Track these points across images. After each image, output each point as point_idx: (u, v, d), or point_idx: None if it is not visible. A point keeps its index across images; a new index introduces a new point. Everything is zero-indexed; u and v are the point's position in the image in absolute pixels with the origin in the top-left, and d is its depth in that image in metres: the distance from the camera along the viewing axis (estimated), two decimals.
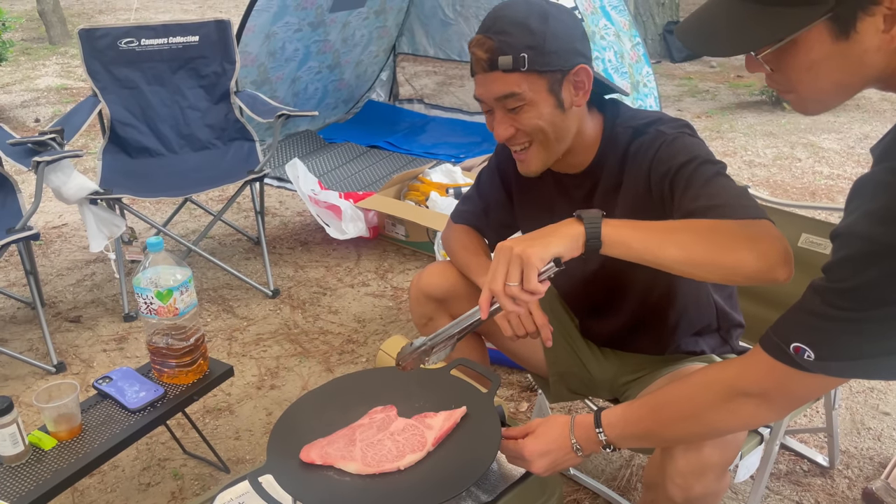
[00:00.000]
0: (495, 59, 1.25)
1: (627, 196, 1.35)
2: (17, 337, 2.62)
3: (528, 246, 1.07)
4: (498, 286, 1.09)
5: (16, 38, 7.60)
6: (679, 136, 1.29)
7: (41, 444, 1.53)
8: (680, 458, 1.22)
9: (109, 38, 2.99)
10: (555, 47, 1.25)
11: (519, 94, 1.26)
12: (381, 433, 1.25)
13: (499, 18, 1.27)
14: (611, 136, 1.37)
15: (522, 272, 1.07)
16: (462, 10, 4.76)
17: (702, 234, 1.10)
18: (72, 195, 2.51)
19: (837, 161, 4.14)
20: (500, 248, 1.11)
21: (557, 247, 1.08)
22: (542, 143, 1.32)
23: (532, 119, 1.29)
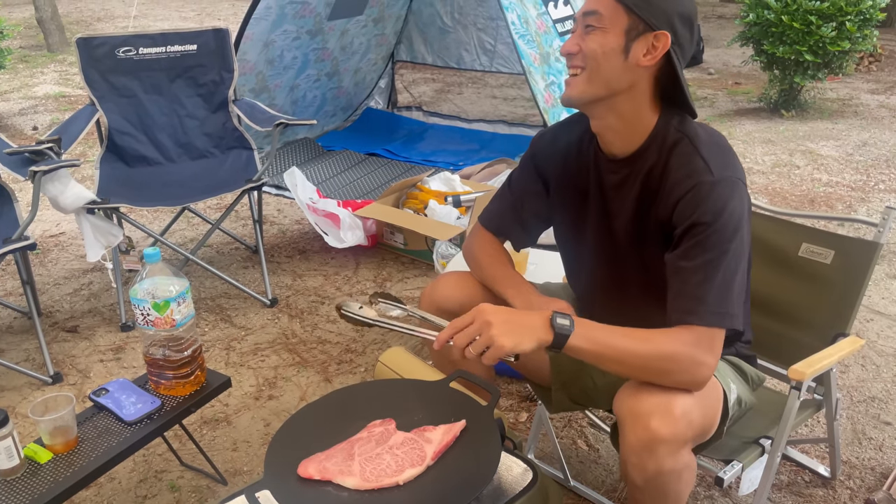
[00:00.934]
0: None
1: (658, 210, 1.35)
2: (13, 347, 2.60)
3: (504, 335, 1.20)
4: (461, 343, 1.23)
5: (14, 46, 7.60)
6: (722, 183, 1.28)
7: (37, 458, 1.51)
8: (630, 433, 1.25)
9: (107, 46, 2.99)
10: (659, 2, 1.27)
11: (599, 15, 1.28)
12: (379, 447, 1.23)
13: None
14: (662, 132, 1.36)
15: (488, 349, 1.20)
16: (460, 18, 4.77)
17: (644, 361, 1.25)
18: (69, 204, 2.50)
19: (836, 168, 4.15)
20: (482, 312, 1.23)
21: (526, 347, 1.21)
22: (591, 73, 1.31)
23: (594, 44, 1.29)
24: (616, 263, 1.48)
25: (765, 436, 1.56)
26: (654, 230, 1.36)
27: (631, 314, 1.55)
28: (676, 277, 1.29)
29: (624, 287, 1.50)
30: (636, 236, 1.41)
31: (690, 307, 1.26)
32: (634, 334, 1.26)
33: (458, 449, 1.24)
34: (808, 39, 4.69)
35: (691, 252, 1.27)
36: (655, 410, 1.22)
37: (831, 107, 5.34)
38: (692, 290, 1.26)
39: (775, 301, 1.71)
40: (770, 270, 1.73)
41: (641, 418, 1.23)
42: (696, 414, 1.26)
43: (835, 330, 1.64)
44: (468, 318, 1.23)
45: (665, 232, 1.34)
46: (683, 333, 1.25)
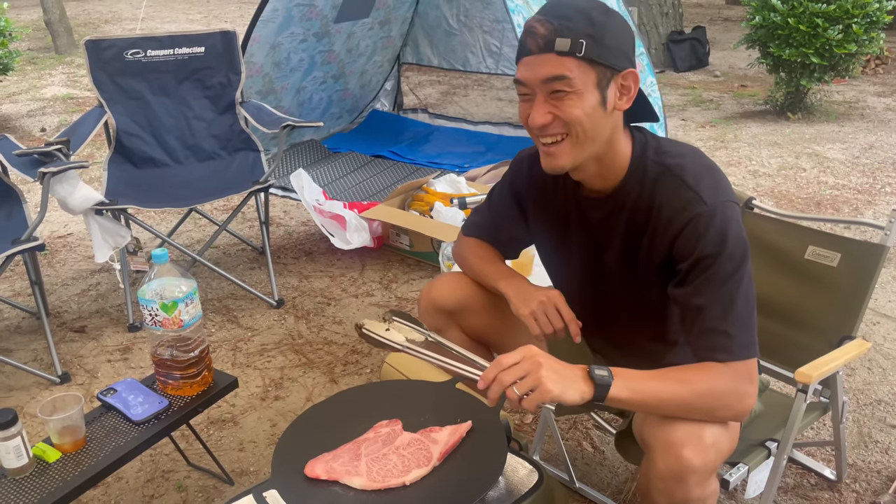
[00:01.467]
0: (553, 39, 1.22)
1: (652, 242, 1.34)
2: (21, 347, 2.62)
3: (552, 380, 1.16)
4: (507, 381, 1.18)
5: (22, 48, 7.64)
6: (719, 211, 1.25)
7: (45, 457, 1.52)
8: (660, 461, 1.23)
9: (115, 49, 3.01)
10: (612, 43, 1.23)
11: (569, 79, 1.22)
12: (386, 447, 1.24)
13: (561, 4, 1.25)
14: (640, 164, 1.34)
15: (532, 391, 1.16)
16: (466, 20, 4.78)
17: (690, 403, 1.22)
18: (77, 206, 2.51)
19: (842, 171, 4.14)
20: (531, 353, 1.19)
21: (570, 397, 1.17)
22: (576, 137, 1.28)
23: (574, 108, 1.24)
24: (604, 291, 1.48)
25: (771, 438, 1.56)
26: (646, 263, 1.36)
27: (618, 335, 1.56)
28: (693, 315, 1.27)
29: (611, 311, 1.51)
30: (626, 269, 1.40)
31: (718, 344, 1.24)
32: (670, 376, 1.23)
33: (464, 450, 1.25)
34: (815, 42, 4.68)
35: (704, 288, 1.25)
36: (687, 440, 1.21)
37: (837, 109, 5.33)
38: (715, 325, 1.24)
39: (781, 304, 1.71)
40: (776, 273, 1.73)
41: (673, 448, 1.21)
42: (725, 441, 1.25)
43: (841, 333, 1.64)
44: (516, 357, 1.19)
45: (661, 266, 1.33)
46: (719, 370, 1.23)
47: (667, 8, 6.74)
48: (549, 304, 1.47)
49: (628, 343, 1.58)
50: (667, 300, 1.38)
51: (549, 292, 1.49)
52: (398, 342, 1.44)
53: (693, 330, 1.27)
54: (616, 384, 1.19)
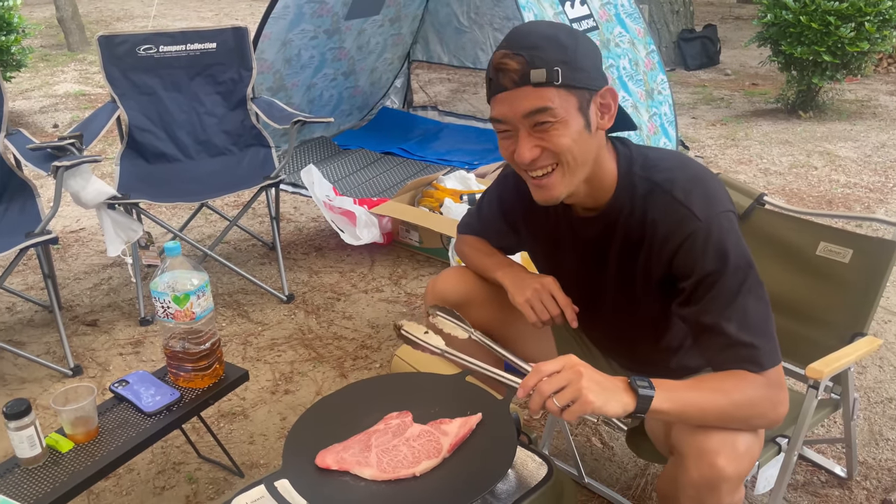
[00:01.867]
0: (527, 72, 1.17)
1: (648, 260, 1.32)
2: (34, 340, 2.64)
3: (594, 392, 1.13)
4: (546, 391, 1.14)
5: (35, 45, 7.69)
6: (714, 225, 1.23)
7: (58, 447, 1.54)
8: (693, 469, 1.21)
9: (128, 44, 3.02)
10: (585, 64, 1.21)
11: (551, 109, 1.19)
12: (396, 439, 1.24)
13: (526, 34, 1.21)
14: (628, 181, 1.32)
15: (573, 402, 1.13)
16: (476, 17, 4.78)
17: (728, 412, 1.20)
18: (90, 200, 2.53)
19: (854, 170, 4.11)
20: (573, 366, 1.16)
21: (612, 409, 1.14)
22: (567, 165, 1.25)
23: (561, 138, 1.21)
24: (598, 304, 1.48)
25: (781, 434, 1.56)
26: (644, 278, 1.35)
27: (616, 340, 1.56)
28: (709, 333, 1.25)
29: (606, 322, 1.51)
30: (623, 284, 1.40)
31: (746, 356, 1.22)
32: (708, 386, 1.22)
33: (473, 442, 1.25)
34: (827, 40, 4.66)
35: (713, 306, 1.23)
36: (722, 448, 1.19)
37: (849, 108, 5.30)
38: (737, 339, 1.22)
39: (793, 300, 1.71)
40: (787, 269, 1.73)
41: (707, 456, 1.19)
42: (756, 448, 1.24)
43: (852, 330, 1.63)
44: (556, 365, 1.16)
45: (659, 281, 1.33)
46: (753, 378, 1.21)
47: (678, 6, 6.71)
48: (544, 290, 1.47)
49: (625, 349, 1.59)
50: (664, 312, 1.38)
51: (544, 279, 1.49)
52: (437, 346, 1.42)
53: (712, 347, 1.25)
54: (658, 396, 1.16)
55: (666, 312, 1.38)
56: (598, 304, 1.48)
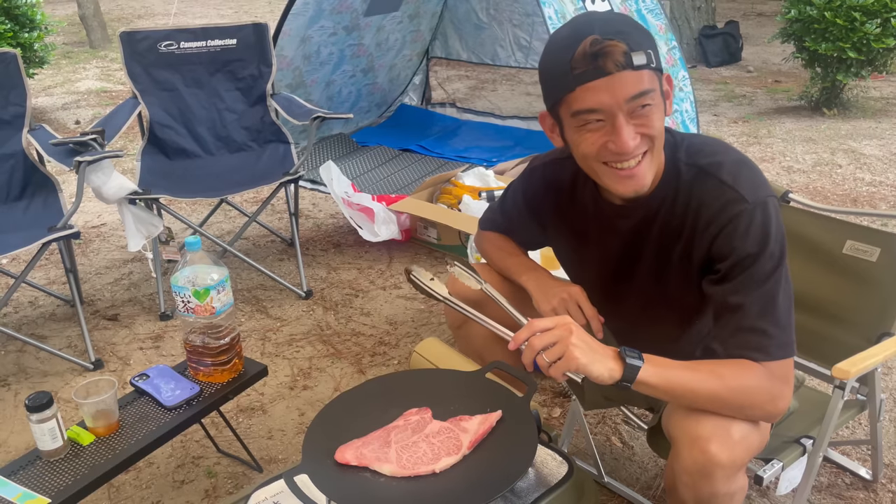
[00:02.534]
0: (629, 56, 1.15)
1: (688, 247, 1.30)
2: (56, 334, 2.66)
3: (581, 350, 1.15)
4: (537, 346, 1.17)
5: (57, 42, 7.77)
6: (760, 208, 1.22)
7: (79, 440, 1.55)
8: (686, 455, 1.21)
9: (150, 41, 3.04)
10: (658, 51, 1.22)
11: (653, 92, 1.19)
12: (415, 435, 1.24)
13: (608, 22, 1.18)
14: (673, 168, 1.30)
15: (560, 358, 1.15)
16: (496, 14, 4.76)
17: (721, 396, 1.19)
18: (111, 195, 2.55)
19: (880, 168, 4.05)
20: (565, 324, 1.18)
21: (597, 372, 1.16)
22: (657, 150, 1.25)
23: (658, 120, 1.21)
24: (626, 296, 1.46)
25: (806, 435, 1.53)
26: (682, 268, 1.33)
27: (643, 332, 1.54)
28: (730, 312, 1.23)
29: (633, 313, 1.49)
30: (657, 274, 1.38)
31: (756, 343, 1.20)
32: (704, 368, 1.20)
33: (494, 439, 1.25)
34: (852, 36, 4.59)
35: (743, 286, 1.22)
36: (714, 435, 1.18)
37: (875, 105, 5.21)
38: (753, 324, 1.21)
39: (819, 299, 1.68)
40: (813, 268, 1.70)
41: (699, 442, 1.18)
42: (754, 437, 1.22)
43: (880, 329, 1.60)
44: (549, 323, 1.18)
45: (699, 268, 1.30)
46: (755, 368, 1.20)
47: (699, 2, 6.64)
48: (571, 300, 1.46)
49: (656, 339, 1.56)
50: (694, 302, 1.36)
51: (571, 289, 1.48)
52: (440, 293, 1.44)
53: (728, 327, 1.24)
54: (646, 368, 1.17)
55: (696, 301, 1.35)
56: (623, 296, 1.46)
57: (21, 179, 2.67)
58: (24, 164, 2.67)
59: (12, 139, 2.66)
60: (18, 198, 2.66)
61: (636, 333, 1.58)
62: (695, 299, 1.37)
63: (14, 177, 2.66)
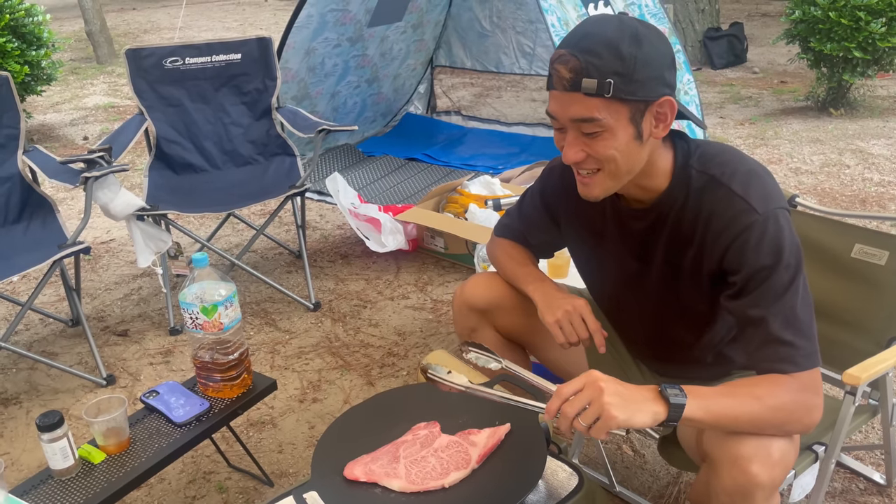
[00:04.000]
0: (579, 80, 1.16)
1: (699, 254, 1.30)
2: (66, 351, 2.68)
3: (616, 406, 1.11)
4: (570, 413, 1.13)
5: (65, 59, 7.83)
6: (771, 220, 1.21)
7: (90, 458, 1.56)
8: (726, 476, 1.18)
9: (155, 57, 3.06)
10: (643, 76, 1.17)
11: (598, 121, 1.18)
12: (424, 450, 1.24)
13: (588, 35, 1.18)
14: (683, 175, 1.30)
15: (598, 420, 1.11)
16: (499, 21, 4.77)
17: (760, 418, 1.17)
18: (119, 212, 2.56)
19: (888, 167, 4.03)
20: (592, 378, 1.15)
21: (639, 421, 1.12)
22: (611, 172, 1.25)
23: (607, 148, 1.21)
24: (641, 299, 1.46)
25: (818, 442, 1.52)
26: (692, 274, 1.33)
27: (652, 339, 1.54)
28: (753, 327, 1.22)
29: (647, 316, 1.49)
30: (669, 278, 1.38)
31: (783, 355, 1.19)
32: (741, 392, 1.19)
33: (503, 453, 1.24)
34: (857, 36, 4.57)
35: (762, 300, 1.21)
36: (755, 455, 1.16)
37: (882, 104, 5.19)
38: (777, 336, 1.19)
39: (828, 304, 1.67)
40: (822, 273, 1.69)
41: (740, 462, 1.17)
42: (791, 455, 1.21)
43: (890, 333, 1.59)
44: (577, 385, 1.15)
45: (710, 277, 1.30)
46: (787, 382, 1.19)
47: (703, 4, 6.64)
48: (575, 313, 1.46)
49: (660, 349, 1.56)
50: (707, 308, 1.36)
51: (576, 301, 1.48)
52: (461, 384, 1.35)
53: (753, 341, 1.23)
54: (690, 404, 1.13)
55: (709, 309, 1.36)
56: (638, 300, 1.46)
57: (18, 202, 2.67)
58: (20, 186, 2.67)
59: (7, 161, 2.67)
60: (17, 220, 2.66)
61: (650, 340, 1.57)
62: (706, 307, 1.37)
63: (11, 199, 2.66)
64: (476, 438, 1.25)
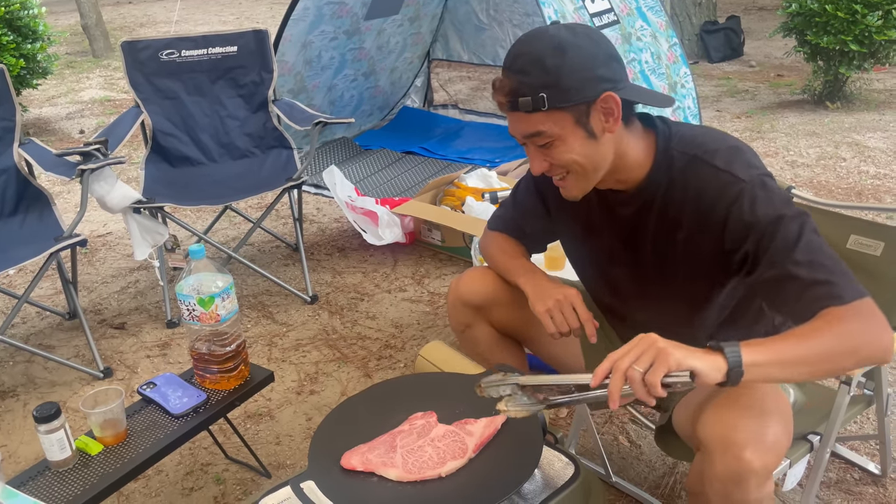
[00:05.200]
0: (515, 100, 1.23)
1: (692, 235, 1.31)
2: (63, 343, 2.68)
3: (673, 346, 1.09)
4: (624, 364, 1.09)
5: (61, 52, 7.81)
6: (759, 184, 1.23)
7: (88, 449, 1.56)
8: (719, 463, 1.19)
9: (151, 50, 3.06)
10: (572, 82, 1.21)
11: (545, 133, 1.25)
12: (421, 439, 1.24)
13: (518, 56, 1.25)
14: (665, 157, 1.32)
15: (654, 363, 1.07)
16: (496, 14, 4.76)
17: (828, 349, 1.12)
18: (116, 204, 2.56)
19: (884, 160, 4.03)
20: (645, 337, 1.12)
21: (698, 362, 1.08)
22: (578, 173, 1.30)
23: (563, 154, 1.27)
24: (634, 287, 1.47)
25: (813, 432, 1.53)
26: (685, 253, 1.34)
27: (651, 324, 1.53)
28: (781, 286, 1.19)
29: (641, 304, 1.49)
30: (660, 263, 1.39)
31: (824, 293, 1.15)
32: (799, 331, 1.14)
33: (499, 442, 1.25)
34: (854, 29, 4.57)
35: (780, 253, 1.19)
36: (748, 441, 1.16)
37: (878, 97, 5.19)
38: (811, 279, 1.16)
39: None
40: None
41: (733, 448, 1.16)
42: (784, 440, 1.20)
43: None
44: (629, 345, 1.12)
45: (709, 254, 1.30)
46: (842, 311, 1.13)
47: None
48: (566, 302, 1.46)
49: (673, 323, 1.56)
50: (706, 289, 1.36)
51: (567, 291, 1.48)
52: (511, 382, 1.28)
53: (790, 298, 1.19)
54: (747, 350, 1.08)
55: (704, 291, 1.36)
56: (629, 287, 1.47)
57: (14, 195, 2.66)
58: (16, 179, 2.67)
59: (3, 154, 2.66)
60: (13, 213, 2.66)
61: (643, 327, 1.57)
62: (703, 289, 1.37)
63: (7, 192, 2.65)
64: (472, 428, 1.25)
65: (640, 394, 1.08)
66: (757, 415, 1.20)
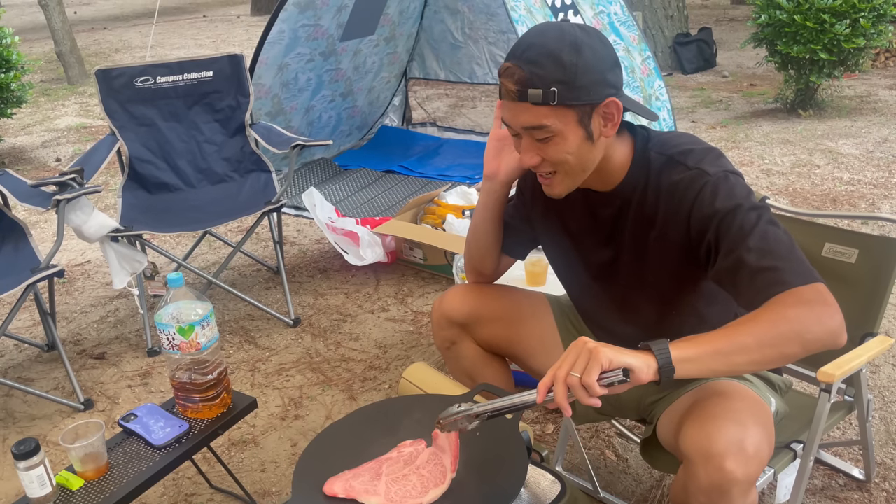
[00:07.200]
0: (525, 91, 1.22)
1: (664, 232, 1.33)
2: (42, 376, 2.64)
3: (604, 346, 1.11)
4: (562, 372, 1.12)
5: (35, 80, 7.76)
6: (722, 177, 1.26)
7: (68, 485, 1.53)
8: (702, 474, 1.19)
9: (125, 77, 3.04)
10: (585, 81, 1.22)
11: (548, 127, 1.24)
12: (407, 468, 1.23)
13: (531, 46, 1.23)
14: (642, 159, 1.35)
15: (587, 364, 1.10)
16: (471, 32, 4.80)
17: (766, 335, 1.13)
18: (93, 234, 2.54)
19: (857, 166, 4.10)
20: (576, 343, 1.14)
21: (631, 359, 1.11)
22: (566, 172, 1.31)
23: (559, 151, 1.28)
24: (614, 290, 1.48)
25: (796, 440, 1.54)
26: (659, 250, 1.36)
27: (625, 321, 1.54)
28: (736, 274, 1.21)
29: (619, 307, 1.50)
30: (636, 259, 1.40)
31: (768, 280, 1.17)
32: (736, 323, 1.15)
33: (484, 463, 1.24)
34: (823, 38, 4.66)
35: (735, 242, 1.21)
36: (729, 451, 1.16)
37: (849, 104, 5.28)
38: (756, 266, 1.18)
39: None
40: None
41: (714, 459, 1.16)
42: (766, 448, 1.20)
43: (863, 330, 1.62)
44: (563, 355, 1.14)
45: (678, 248, 1.32)
46: (781, 298, 1.14)
47: (671, 11, 6.73)
48: None
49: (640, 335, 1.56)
50: (677, 284, 1.38)
51: None
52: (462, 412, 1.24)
53: (741, 286, 1.21)
54: (676, 346, 1.12)
55: (674, 285, 1.38)
56: (610, 287, 1.48)
57: None
58: None
59: None
60: None
61: (619, 324, 1.58)
62: (679, 292, 1.39)
63: None
64: (441, 442, 1.24)
65: (581, 398, 1.11)
66: (737, 425, 1.20)
